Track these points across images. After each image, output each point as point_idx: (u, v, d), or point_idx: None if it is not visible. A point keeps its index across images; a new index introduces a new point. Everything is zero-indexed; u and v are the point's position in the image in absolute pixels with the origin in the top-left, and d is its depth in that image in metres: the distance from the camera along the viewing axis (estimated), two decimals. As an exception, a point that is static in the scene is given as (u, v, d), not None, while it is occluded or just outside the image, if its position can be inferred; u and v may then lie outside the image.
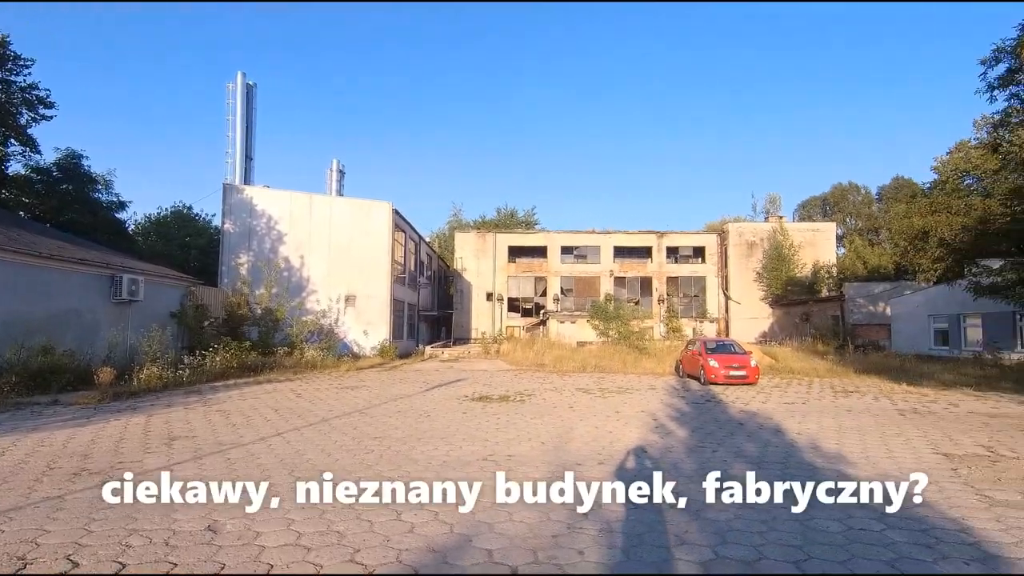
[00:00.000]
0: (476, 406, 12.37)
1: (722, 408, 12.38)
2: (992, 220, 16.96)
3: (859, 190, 64.49)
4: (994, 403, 12.84)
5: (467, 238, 43.69)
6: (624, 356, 24.76)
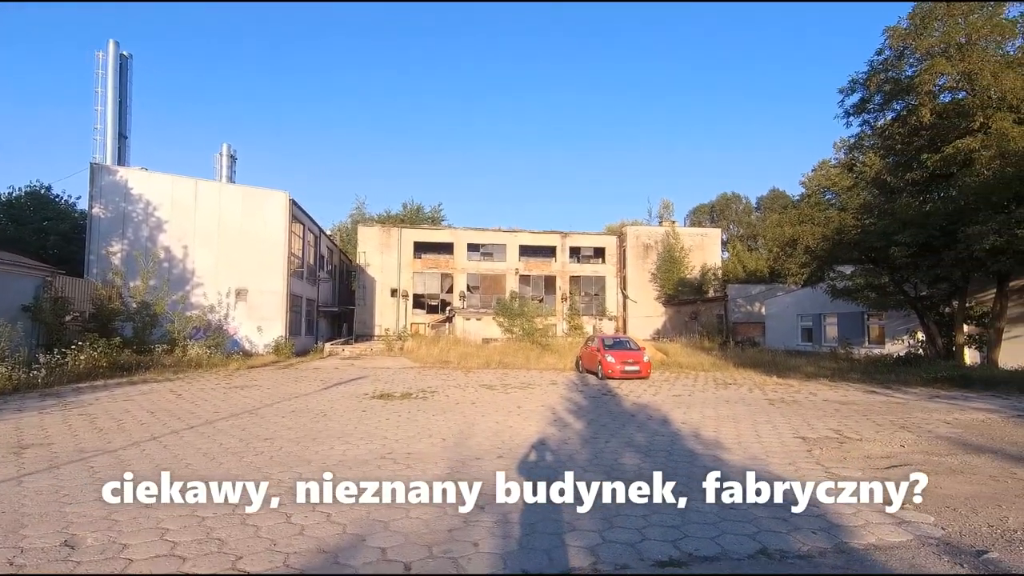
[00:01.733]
0: (376, 404, 12.10)
1: (617, 401, 13.02)
2: (846, 231, 19.21)
3: (741, 200, 70.44)
4: (844, 392, 14.54)
5: (371, 232, 42.50)
6: (528, 352, 25.30)
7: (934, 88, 18.26)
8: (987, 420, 10.06)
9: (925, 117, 17.99)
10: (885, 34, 19.27)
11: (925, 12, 18.44)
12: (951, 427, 9.40)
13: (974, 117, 17.32)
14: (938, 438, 8.49)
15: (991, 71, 16.83)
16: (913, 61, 18.83)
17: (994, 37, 17.64)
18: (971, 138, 17.11)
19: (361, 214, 56.93)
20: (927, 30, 18.30)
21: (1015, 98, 16.66)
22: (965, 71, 17.30)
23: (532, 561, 3.95)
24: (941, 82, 18.21)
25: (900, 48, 19.02)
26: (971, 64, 17.17)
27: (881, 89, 19.72)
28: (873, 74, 19.75)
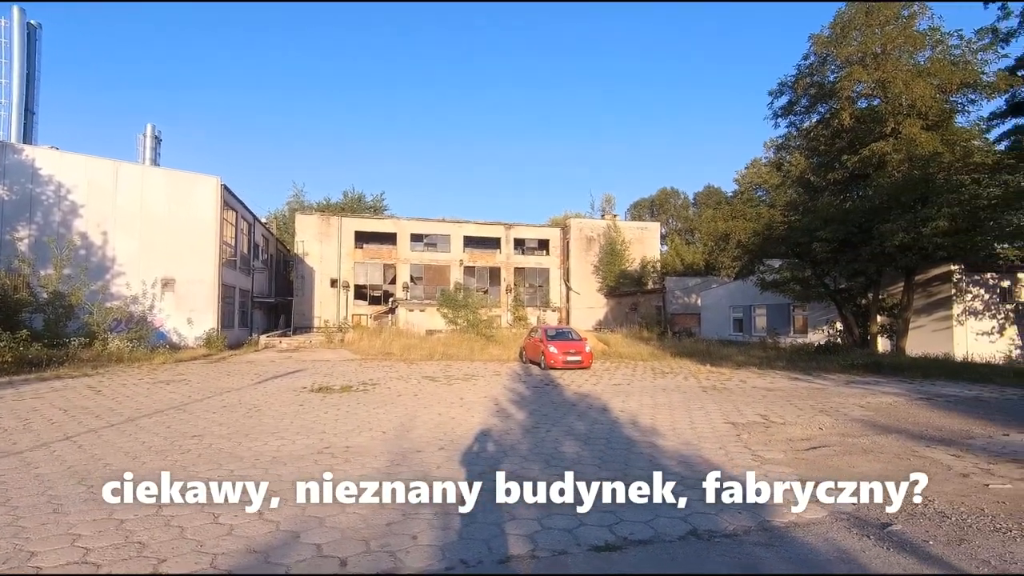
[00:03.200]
0: (315, 398, 11.76)
1: (559, 391, 13.23)
2: (774, 227, 20.31)
3: (679, 195, 72.84)
4: (771, 379, 15.39)
5: (310, 221, 41.09)
6: (472, 344, 25.26)
7: (853, 94, 19.52)
8: (894, 403, 10.91)
9: (845, 121, 19.19)
10: (810, 41, 20.38)
11: (845, 21, 19.62)
12: (864, 410, 10.13)
13: (887, 122, 18.64)
14: (852, 420, 9.13)
15: (903, 80, 18.12)
16: (834, 68, 20.04)
17: (907, 47, 18.99)
18: (884, 142, 18.41)
19: (299, 202, 54.91)
20: (847, 39, 19.50)
21: (924, 106, 18.03)
22: (880, 79, 18.55)
23: (471, 551, 3.97)
24: (859, 88, 19.48)
25: (823, 55, 20.18)
26: (885, 73, 18.43)
27: (807, 93, 20.88)
28: (799, 78, 20.88)
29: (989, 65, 19.50)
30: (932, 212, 16.78)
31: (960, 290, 20.30)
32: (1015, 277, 20.88)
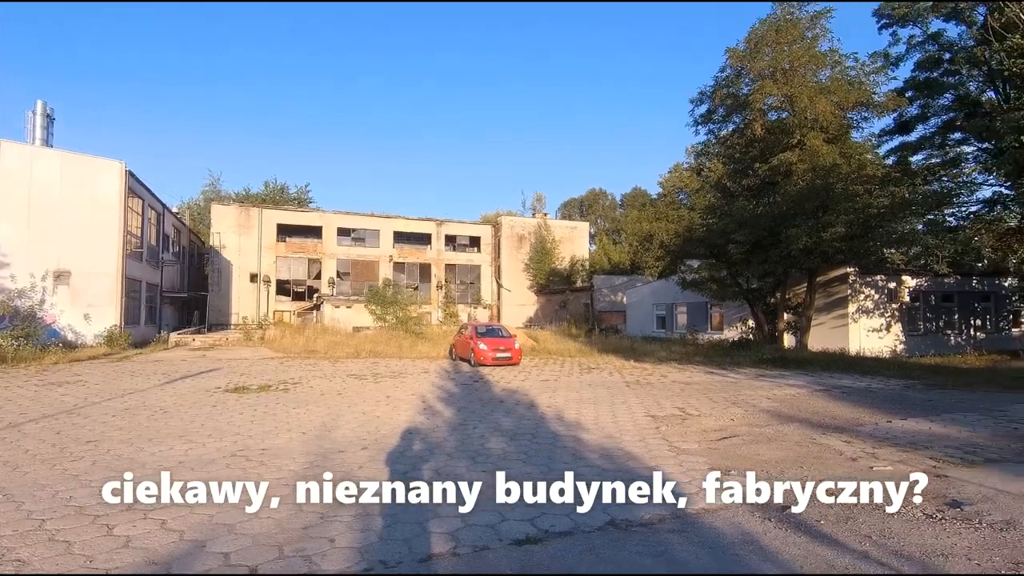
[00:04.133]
0: (230, 398, 11.15)
1: (487, 388, 13.26)
2: (694, 229, 21.37)
3: (608, 196, 75.05)
4: (689, 374, 16.16)
5: (227, 212, 38.84)
6: (400, 341, 24.83)
7: (764, 106, 20.86)
8: (797, 395, 11.76)
9: (757, 131, 20.48)
10: (727, 54, 21.57)
11: (758, 37, 20.94)
12: (770, 402, 10.85)
13: (794, 134, 20.07)
14: (760, 411, 9.76)
15: (807, 95, 19.56)
16: (748, 81, 21.33)
17: (811, 66, 20.52)
18: (791, 152, 19.80)
19: (215, 192, 51.82)
20: (759, 54, 20.81)
21: (825, 120, 19.55)
22: (788, 94, 19.94)
23: (391, 551, 3.90)
24: (769, 101, 20.85)
25: (738, 68, 21.43)
26: (792, 88, 19.83)
27: (724, 103, 22.09)
28: (717, 89, 22.06)
29: (880, 86, 21.46)
30: (831, 219, 18.23)
31: (855, 290, 22.19)
32: (900, 279, 23.08)
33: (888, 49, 24.12)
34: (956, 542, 4.02)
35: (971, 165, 23.10)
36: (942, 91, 23.66)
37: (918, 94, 23.93)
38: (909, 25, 24.14)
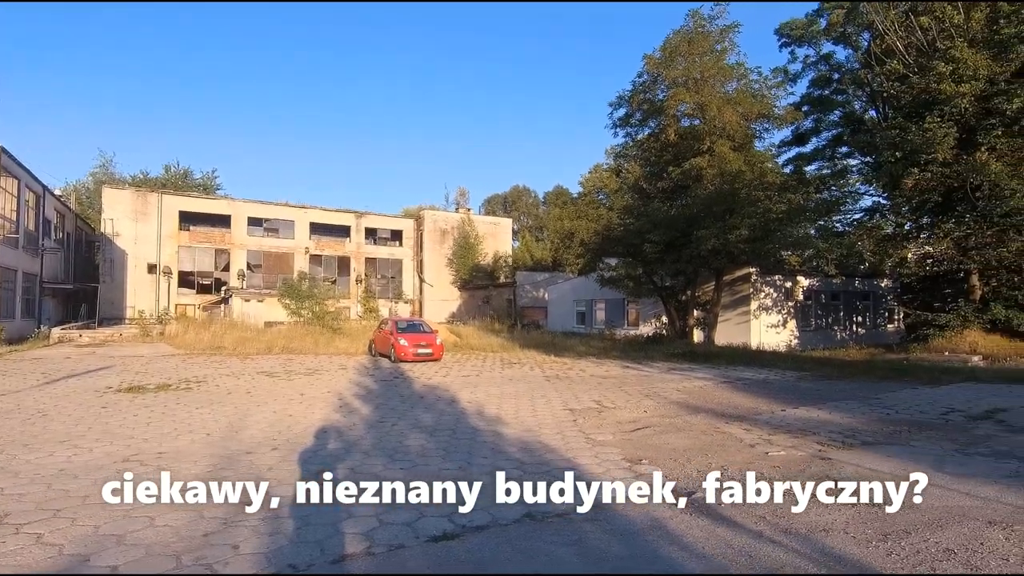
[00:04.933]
0: (123, 399, 10.26)
1: (408, 384, 13.06)
2: (612, 228, 22.17)
3: (531, 193, 76.02)
4: (607, 368, 16.73)
5: (121, 196, 35.61)
6: (317, 337, 23.89)
7: (677, 113, 21.98)
8: (704, 387, 12.50)
9: (671, 136, 21.54)
10: (644, 60, 22.52)
11: (673, 47, 22.02)
12: (680, 393, 11.46)
13: (704, 141, 21.29)
14: (671, 403, 10.29)
15: (716, 105, 20.81)
16: (663, 88, 22.38)
17: (720, 77, 21.84)
18: (702, 158, 20.98)
19: (107, 174, 47.37)
20: (673, 63, 21.90)
21: (732, 129, 20.88)
22: (699, 102, 21.11)
23: (302, 554, 3.75)
24: (682, 108, 21.98)
25: (655, 74, 22.43)
26: (703, 97, 21.02)
27: (640, 108, 23.06)
28: (635, 94, 22.98)
29: (780, 100, 23.23)
30: (737, 222, 19.52)
31: (756, 289, 23.90)
32: (795, 279, 25.11)
33: (787, 66, 26.17)
34: (835, 518, 4.43)
35: (855, 176, 25.57)
36: (832, 108, 26.01)
37: (813, 109, 26.15)
38: (805, 45, 26.30)
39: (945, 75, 17.84)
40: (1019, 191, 17.28)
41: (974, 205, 19.15)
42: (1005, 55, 17.49)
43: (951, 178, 18.75)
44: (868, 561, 3.63)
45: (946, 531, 4.10)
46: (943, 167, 18.51)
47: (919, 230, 22.84)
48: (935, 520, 4.32)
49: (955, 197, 19.71)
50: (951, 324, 20.28)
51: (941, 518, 4.37)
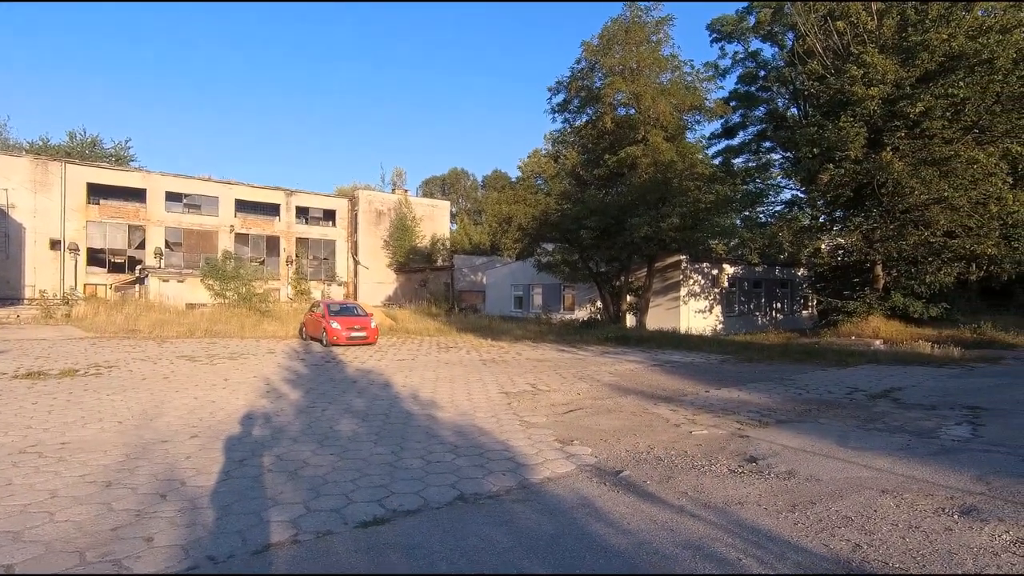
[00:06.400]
0: (19, 385, 9.42)
1: (340, 368, 12.74)
2: (550, 214, 22.38)
3: (469, 176, 75.43)
4: (543, 352, 16.98)
5: (18, 164, 32.29)
6: (243, 319, 22.84)
7: (614, 101, 22.35)
8: (635, 369, 12.94)
9: (607, 124, 21.90)
10: (582, 47, 22.71)
11: (610, 35, 22.30)
12: (612, 376, 11.81)
13: (639, 130, 21.79)
14: (603, 385, 10.58)
15: (651, 95, 21.31)
16: (601, 76, 22.67)
17: (655, 68, 22.36)
18: (636, 147, 21.49)
19: (0, 140, 42.85)
20: (611, 51, 22.20)
21: (665, 120, 21.48)
22: (634, 92, 21.55)
23: (222, 545, 3.59)
24: (619, 97, 22.37)
25: (592, 62, 22.68)
26: (639, 86, 21.47)
27: (579, 94, 23.28)
28: (573, 80, 23.16)
29: (711, 93, 24.10)
30: (669, 211, 20.19)
31: (686, 276, 24.91)
32: (721, 267, 26.36)
33: (718, 61, 27.15)
34: (750, 492, 4.72)
35: (777, 170, 27.01)
36: (758, 104, 27.25)
37: (740, 104, 27.31)
38: (735, 42, 27.34)
39: (857, 78, 19.07)
40: (918, 189, 18.84)
41: (880, 201, 20.72)
42: (912, 61, 18.89)
43: (861, 175, 20.16)
44: (778, 531, 3.90)
45: (845, 500, 4.46)
46: (855, 164, 19.86)
47: (832, 223, 24.48)
48: (836, 491, 4.69)
49: (864, 193, 21.23)
50: (857, 311, 21.95)
51: (842, 489, 4.74)
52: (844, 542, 3.68)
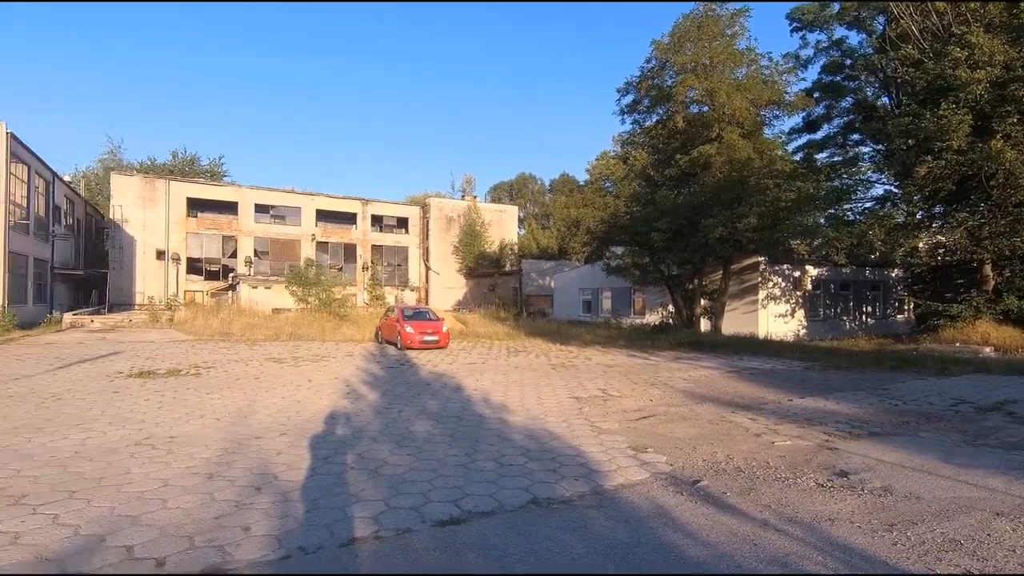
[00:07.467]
0: (133, 383, 10.39)
1: (414, 371, 13.13)
2: (619, 216, 22.03)
3: (536, 181, 75.65)
4: (612, 357, 16.74)
5: (130, 183, 35.75)
6: (324, 323, 24.05)
7: (686, 99, 21.70)
8: (710, 376, 12.49)
9: (679, 123, 21.30)
10: (652, 46, 22.21)
11: (682, 32, 21.68)
12: (686, 382, 11.45)
13: (713, 128, 21.03)
14: (677, 392, 10.28)
15: (726, 91, 20.52)
16: (672, 74, 22.07)
17: (729, 63, 21.52)
18: (710, 145, 20.75)
19: (115, 160, 47.56)
20: (683, 48, 21.57)
21: (741, 116, 20.61)
22: (708, 89, 20.83)
23: (311, 537, 3.80)
24: (691, 95, 21.69)
25: (663, 60, 22.13)
26: (712, 83, 20.74)
27: (648, 94, 22.79)
28: (643, 80, 22.71)
29: (791, 86, 22.88)
30: (745, 210, 19.35)
31: (764, 278, 23.78)
32: (804, 268, 24.96)
33: (799, 51, 25.76)
34: (841, 508, 4.44)
35: (867, 164, 25.23)
36: (844, 94, 25.60)
37: (824, 96, 25.75)
38: (816, 30, 25.83)
39: (960, 60, 17.49)
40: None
41: (988, 194, 18.88)
42: (1022, 40, 17.12)
43: (965, 166, 18.47)
44: (874, 551, 3.64)
45: (952, 522, 4.10)
46: (957, 155, 18.23)
47: (931, 219, 22.58)
48: (941, 511, 4.32)
49: (969, 186, 19.44)
50: (962, 315, 20.09)
51: (948, 509, 4.36)
52: (952, 567, 3.39)
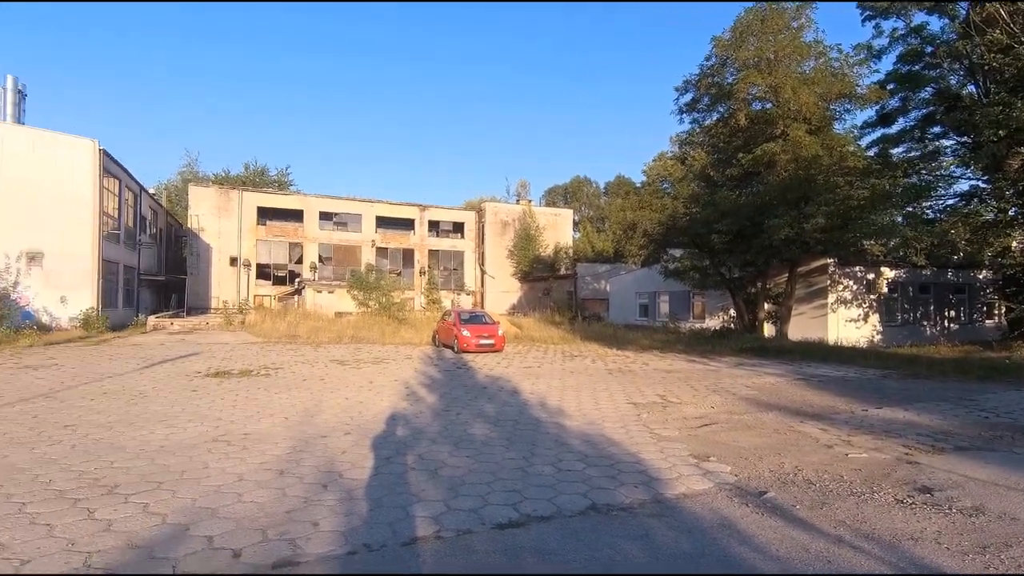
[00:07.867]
0: (210, 383, 11.04)
1: (471, 374, 13.30)
2: (678, 218, 21.48)
3: (591, 184, 75.02)
4: (671, 362, 16.36)
5: (206, 194, 38.09)
6: (383, 327, 24.75)
7: (748, 96, 20.89)
8: (776, 383, 11.98)
9: (741, 121, 20.55)
10: (712, 43, 21.55)
11: (744, 27, 20.90)
12: (750, 390, 11.04)
13: (777, 125, 20.16)
14: (740, 399, 9.93)
15: (791, 86, 19.63)
16: (733, 70, 21.30)
17: (795, 56, 20.57)
18: (774, 143, 19.89)
19: (193, 173, 50.76)
20: (745, 43, 20.79)
21: (808, 111, 19.66)
22: (772, 84, 19.99)
23: (375, 535, 3.92)
24: (753, 91, 20.87)
25: (723, 57, 21.41)
26: (776, 78, 19.89)
27: (708, 92, 22.10)
28: (702, 78, 22.06)
29: (863, 79, 21.60)
30: (813, 210, 18.45)
31: (834, 281, 22.57)
32: (878, 270, 23.53)
33: (871, 41, 24.30)
34: (926, 527, 4.15)
35: (949, 158, 23.51)
36: (923, 84, 23.94)
37: (900, 87, 24.17)
38: (892, 18, 24.31)
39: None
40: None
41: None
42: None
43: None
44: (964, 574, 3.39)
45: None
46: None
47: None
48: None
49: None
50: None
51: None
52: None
